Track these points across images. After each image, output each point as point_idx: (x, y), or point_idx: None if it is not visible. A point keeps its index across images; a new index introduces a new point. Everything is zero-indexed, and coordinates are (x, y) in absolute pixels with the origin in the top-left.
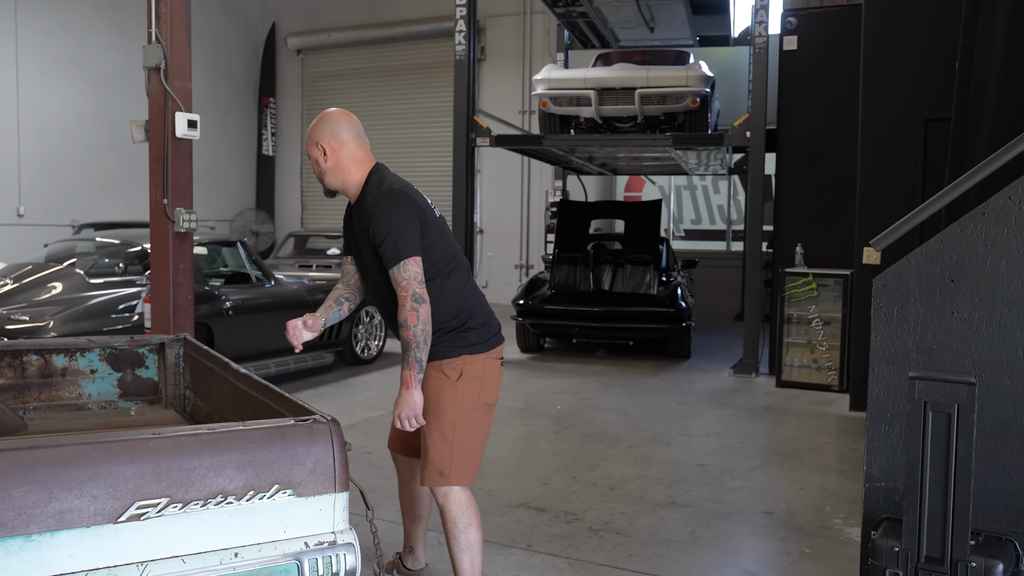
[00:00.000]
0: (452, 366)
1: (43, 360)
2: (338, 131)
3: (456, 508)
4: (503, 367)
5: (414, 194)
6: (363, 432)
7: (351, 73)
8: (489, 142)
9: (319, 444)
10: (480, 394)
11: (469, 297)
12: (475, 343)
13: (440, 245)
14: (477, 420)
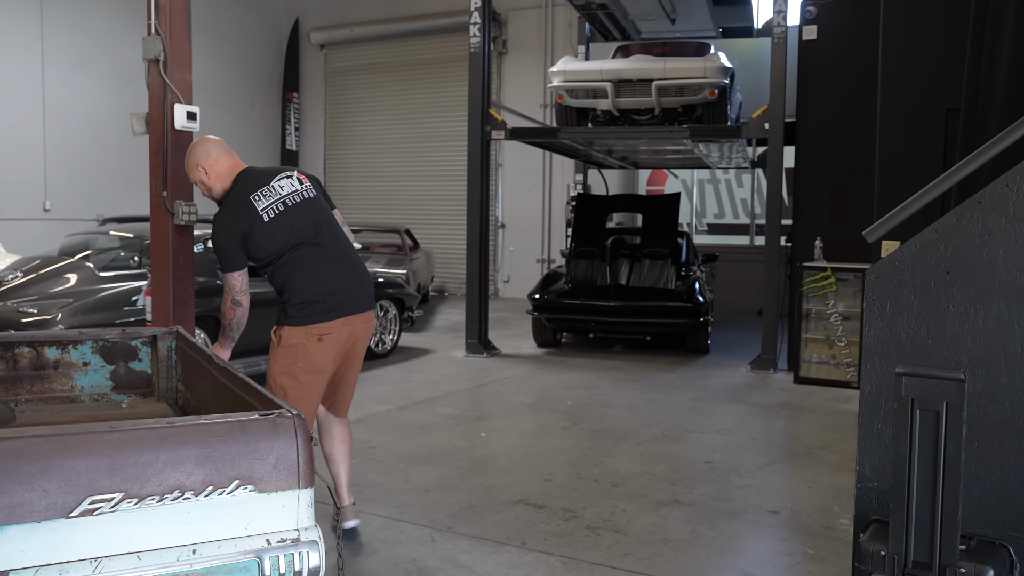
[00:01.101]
0: (276, 332)
1: (35, 352)
2: (206, 151)
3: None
4: (322, 341)
5: (236, 212)
6: (369, 427)
7: (373, 68)
8: (504, 135)
9: (282, 439)
10: (295, 360)
11: (295, 278)
12: (293, 317)
13: (265, 244)
14: (295, 382)
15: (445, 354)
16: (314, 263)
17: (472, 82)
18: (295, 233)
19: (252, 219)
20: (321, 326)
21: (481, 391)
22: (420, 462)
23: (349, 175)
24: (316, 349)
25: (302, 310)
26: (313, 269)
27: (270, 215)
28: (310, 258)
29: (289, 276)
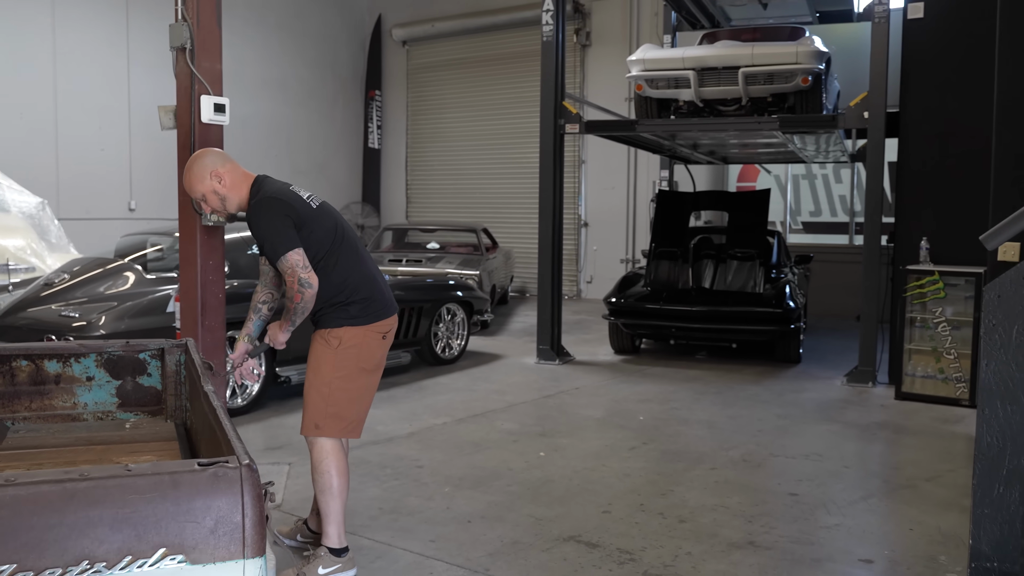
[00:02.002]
0: (334, 335)
1: (34, 366)
2: (216, 160)
3: (319, 455)
4: (385, 339)
5: (286, 195)
6: (420, 442)
7: (455, 63)
8: (579, 129)
9: (223, 496)
10: (356, 360)
11: (353, 275)
12: (355, 316)
13: (319, 233)
14: (351, 383)
15: (516, 360)
16: (361, 259)
17: (545, 73)
18: (339, 224)
19: (301, 203)
20: (383, 323)
21: (547, 403)
22: (468, 486)
23: (430, 173)
24: (378, 347)
25: (366, 308)
26: (365, 265)
27: (314, 204)
28: (356, 254)
29: (347, 272)
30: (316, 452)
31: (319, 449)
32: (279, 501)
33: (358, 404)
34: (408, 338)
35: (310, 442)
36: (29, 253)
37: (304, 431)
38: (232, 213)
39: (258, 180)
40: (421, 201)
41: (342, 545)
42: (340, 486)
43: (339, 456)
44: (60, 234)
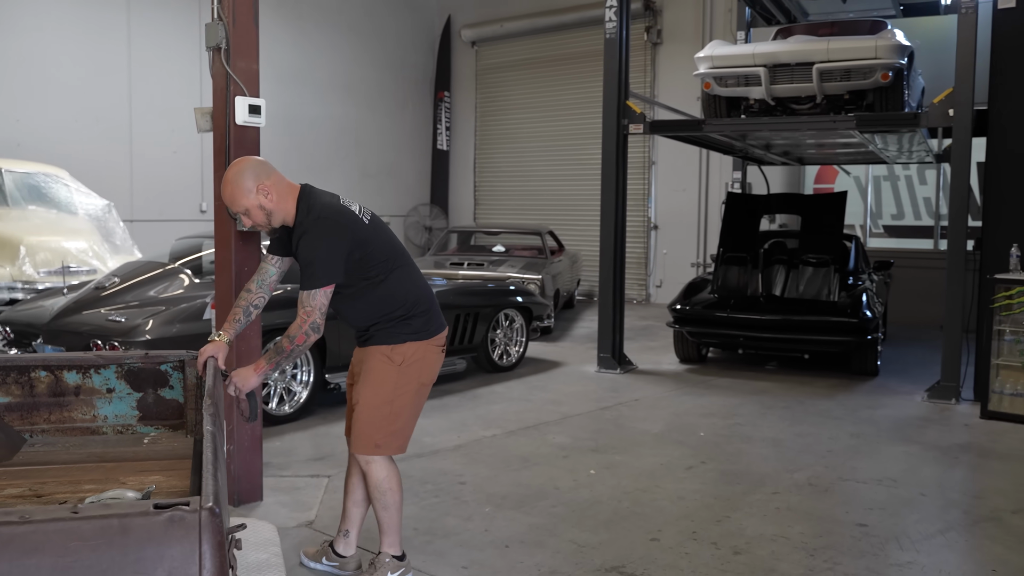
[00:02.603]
0: (397, 351)
1: (53, 376)
2: (260, 171)
3: (379, 473)
4: (442, 351)
5: (341, 215)
6: (466, 455)
7: (524, 63)
8: (643, 129)
9: (179, 545)
10: (419, 376)
11: (413, 288)
12: (418, 331)
13: (377, 248)
14: (413, 398)
15: (576, 368)
16: (416, 272)
17: (608, 72)
18: (392, 237)
19: (355, 223)
20: (441, 335)
21: (604, 415)
22: (510, 505)
23: (498, 175)
24: (437, 360)
25: (428, 321)
26: (420, 277)
27: (366, 219)
28: (411, 267)
29: (407, 286)
30: (375, 472)
31: (377, 469)
32: (313, 517)
33: (414, 419)
34: (463, 344)
35: (365, 461)
36: (91, 255)
37: (361, 450)
38: (275, 228)
39: (304, 192)
40: (489, 203)
41: (402, 552)
42: (400, 500)
43: (396, 472)
44: (125, 236)
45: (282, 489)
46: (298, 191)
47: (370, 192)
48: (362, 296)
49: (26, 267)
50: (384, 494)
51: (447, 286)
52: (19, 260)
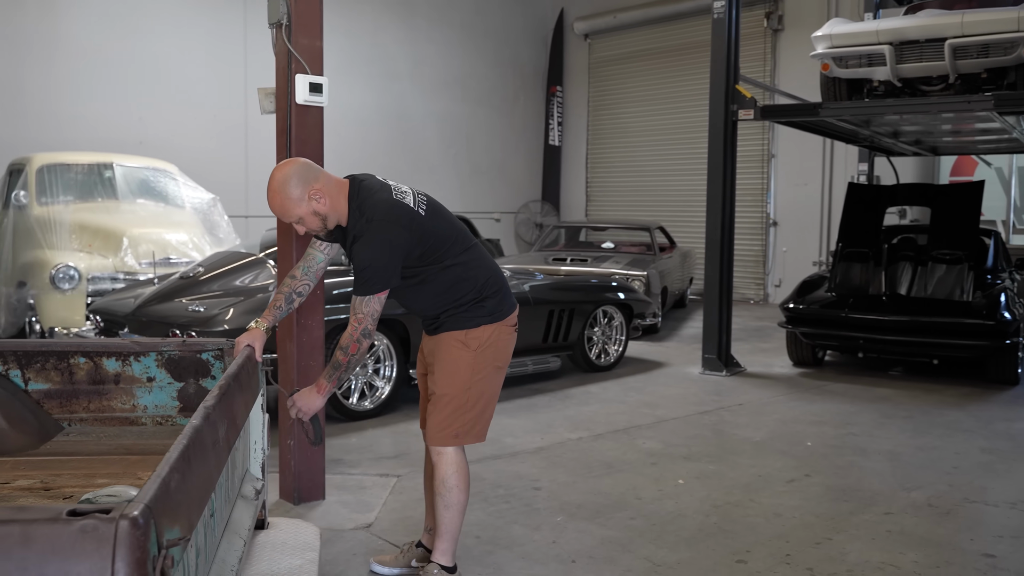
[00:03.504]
0: (471, 336)
1: (92, 364)
2: (307, 175)
3: (447, 468)
4: (516, 332)
5: (395, 215)
6: (546, 459)
7: (638, 55)
8: (753, 115)
9: (87, 561)
10: (494, 359)
11: (482, 270)
12: (492, 312)
13: (439, 238)
14: (490, 383)
15: (678, 369)
16: (484, 252)
17: (715, 55)
18: (453, 220)
19: (411, 217)
20: (514, 315)
21: (701, 420)
22: (584, 515)
23: (610, 170)
24: (511, 341)
25: (501, 302)
26: (489, 258)
27: (423, 209)
28: (478, 248)
29: (476, 267)
30: (444, 465)
31: (447, 462)
32: (372, 520)
33: (493, 405)
34: (557, 342)
35: (437, 453)
36: (190, 247)
37: (439, 441)
38: (330, 231)
39: (353, 188)
40: (601, 199)
41: (454, 563)
42: (465, 501)
43: (465, 469)
44: (229, 230)
45: (347, 488)
46: (347, 187)
47: (480, 189)
48: (430, 283)
49: (128, 258)
50: (450, 491)
51: (541, 281)
52: (122, 251)
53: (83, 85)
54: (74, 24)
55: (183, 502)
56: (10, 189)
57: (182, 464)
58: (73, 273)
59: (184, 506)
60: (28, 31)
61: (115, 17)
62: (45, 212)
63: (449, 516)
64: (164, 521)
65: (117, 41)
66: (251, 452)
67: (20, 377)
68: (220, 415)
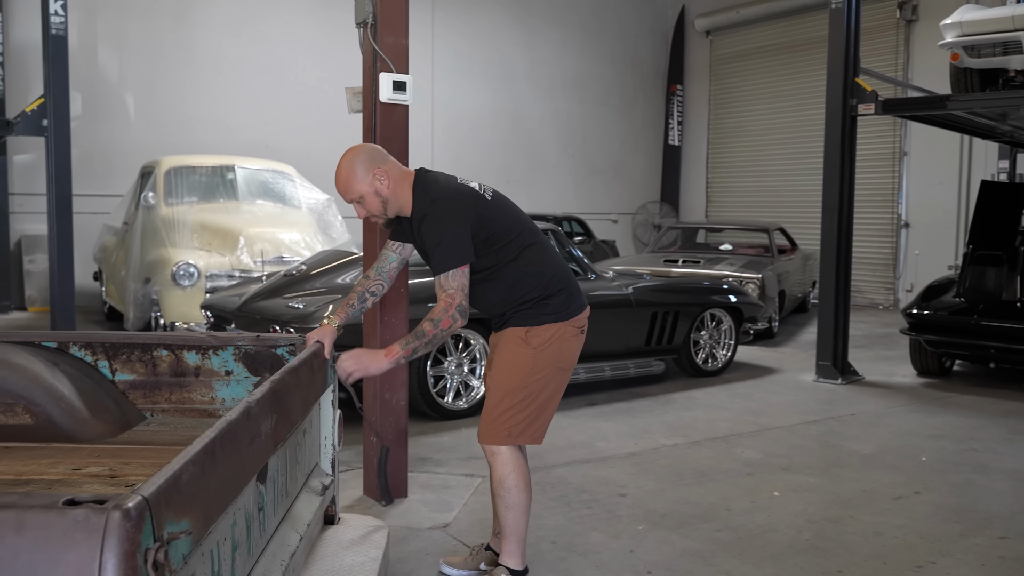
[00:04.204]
0: (533, 333)
1: (174, 356)
2: (376, 156)
3: (503, 468)
4: (583, 334)
5: (461, 194)
6: (637, 465)
7: (761, 51)
8: (874, 109)
9: (76, 550)
10: (556, 360)
11: (548, 267)
12: (557, 311)
13: (503, 226)
14: (549, 385)
15: (791, 376)
16: (551, 249)
17: (833, 47)
18: (520, 213)
19: (476, 200)
20: (581, 316)
21: (808, 430)
22: (668, 525)
23: (732, 170)
24: (576, 343)
25: (567, 301)
26: (556, 255)
27: (489, 196)
28: (545, 244)
29: (542, 264)
30: (500, 465)
31: (502, 462)
32: (450, 520)
33: (551, 407)
34: (660, 345)
35: (491, 452)
36: (302, 246)
37: (488, 440)
38: (390, 219)
39: (419, 176)
40: (722, 200)
41: (523, 566)
42: (526, 501)
43: (523, 468)
44: (342, 230)
45: (431, 487)
46: (412, 177)
47: (597, 190)
48: (494, 281)
49: (243, 256)
50: (508, 491)
51: (645, 282)
52: (238, 250)
53: (214, 91)
54: (206, 33)
55: (198, 495)
56: (141, 191)
57: (203, 457)
58: (192, 270)
59: (200, 499)
60: (164, 41)
61: (244, 26)
62: (170, 212)
63: (512, 517)
64: (168, 514)
65: (245, 49)
66: (321, 448)
67: (108, 368)
68: (265, 409)
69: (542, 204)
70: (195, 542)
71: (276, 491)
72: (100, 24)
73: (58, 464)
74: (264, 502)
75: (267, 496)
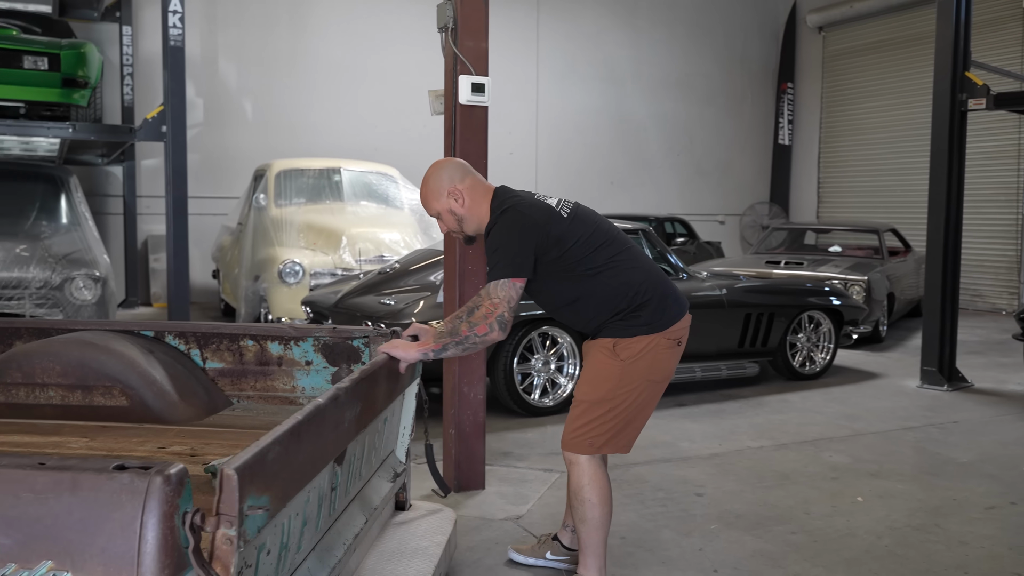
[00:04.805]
0: (623, 345)
1: (259, 346)
2: (455, 174)
3: (580, 479)
4: (680, 345)
5: (532, 208)
6: (718, 466)
7: (875, 46)
8: (985, 104)
9: (122, 510)
10: (647, 373)
11: (634, 277)
12: (650, 322)
13: (580, 244)
14: (638, 398)
15: (893, 381)
16: (639, 258)
17: (940, 39)
18: (602, 226)
19: (550, 215)
20: (677, 327)
21: (904, 436)
22: (742, 526)
23: (844, 170)
24: (671, 355)
25: (657, 311)
26: (646, 263)
27: (566, 213)
28: (632, 254)
29: (627, 275)
30: (576, 475)
31: (580, 472)
32: (523, 512)
33: (640, 419)
34: (754, 347)
35: (570, 460)
36: (402, 246)
37: (570, 447)
38: (469, 235)
39: (497, 192)
40: (834, 200)
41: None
42: (603, 516)
43: (601, 481)
44: None
45: (510, 480)
46: (492, 194)
47: (703, 191)
48: (585, 299)
49: (345, 255)
50: (583, 503)
51: (739, 283)
52: (340, 249)
53: (326, 97)
54: (319, 42)
55: (280, 474)
56: (254, 192)
57: (289, 438)
58: (298, 268)
59: (281, 478)
60: (280, 51)
61: (355, 34)
62: (280, 213)
63: (585, 531)
64: (252, 488)
65: (357, 56)
66: (399, 436)
67: (199, 356)
68: (353, 397)
69: (645, 205)
70: (270, 517)
71: (351, 473)
72: (221, 37)
73: (146, 443)
74: (338, 483)
75: (341, 477)
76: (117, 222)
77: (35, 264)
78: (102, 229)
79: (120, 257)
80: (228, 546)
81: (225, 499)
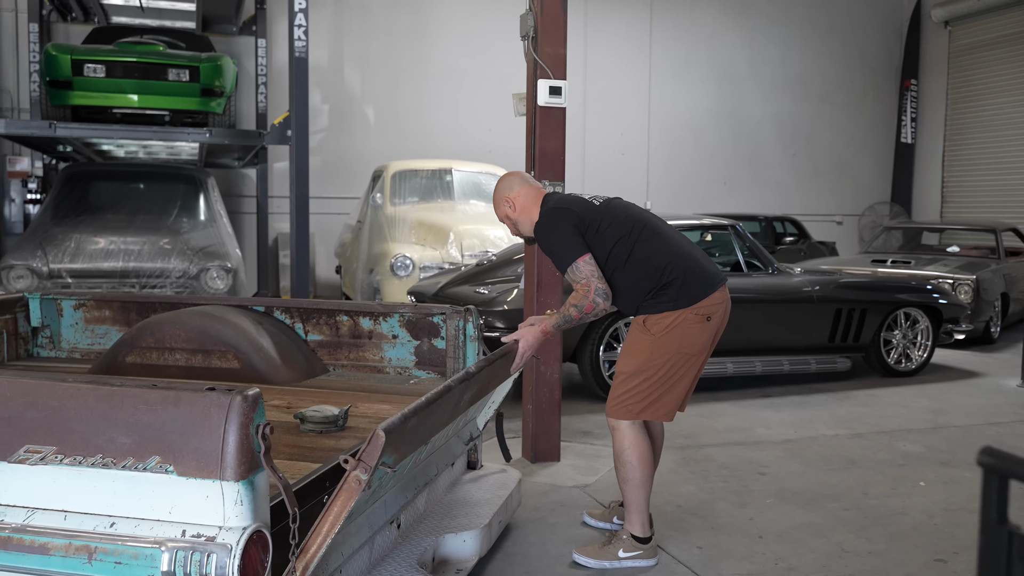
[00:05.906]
0: (652, 321)
1: (352, 321)
2: (512, 184)
3: (622, 442)
4: (710, 321)
5: (564, 201)
6: (788, 451)
7: (1006, 40)
8: None
9: (211, 420)
10: (678, 346)
11: (660, 256)
12: (675, 299)
13: (611, 228)
14: (672, 370)
15: (992, 381)
16: (668, 238)
17: None
18: (632, 213)
19: (581, 205)
20: (705, 302)
21: (986, 431)
22: (798, 501)
23: (971, 168)
24: (701, 331)
25: (683, 287)
26: (675, 243)
27: (597, 203)
28: (661, 235)
29: (654, 254)
30: (619, 439)
31: (622, 436)
32: (591, 482)
33: (677, 389)
34: (845, 342)
35: (613, 426)
36: (506, 242)
37: (613, 414)
38: (528, 236)
39: (546, 199)
40: (959, 200)
41: (646, 534)
42: (643, 476)
43: (642, 445)
44: None
45: (583, 455)
46: (541, 199)
47: (821, 191)
48: (620, 285)
49: (452, 250)
50: (625, 465)
51: (831, 278)
52: (448, 244)
53: (444, 101)
54: (439, 50)
55: (407, 438)
56: (372, 192)
57: (425, 408)
58: (408, 262)
59: (406, 441)
60: (401, 58)
61: (473, 42)
62: (394, 211)
63: (628, 490)
64: (388, 448)
65: (473, 62)
66: (485, 407)
67: (302, 329)
68: (474, 383)
69: (759, 205)
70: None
71: (444, 437)
72: (346, 45)
73: None
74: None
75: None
76: (251, 221)
77: (175, 256)
78: (237, 227)
79: (253, 253)
80: (356, 485)
81: (369, 452)
